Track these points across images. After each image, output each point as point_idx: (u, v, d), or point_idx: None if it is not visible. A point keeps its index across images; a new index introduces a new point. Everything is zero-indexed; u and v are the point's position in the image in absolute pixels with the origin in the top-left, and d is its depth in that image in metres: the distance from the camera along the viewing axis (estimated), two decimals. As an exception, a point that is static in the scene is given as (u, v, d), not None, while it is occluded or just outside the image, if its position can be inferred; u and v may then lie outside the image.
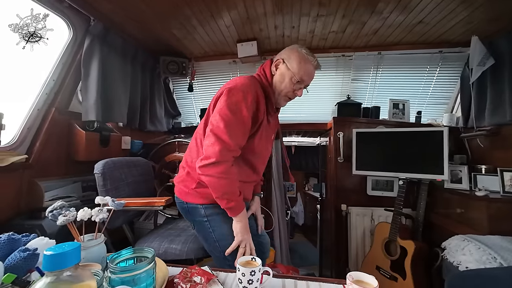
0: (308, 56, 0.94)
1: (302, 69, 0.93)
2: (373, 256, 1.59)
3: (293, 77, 0.93)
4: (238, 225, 0.90)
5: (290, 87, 0.94)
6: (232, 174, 0.86)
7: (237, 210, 0.89)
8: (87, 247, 0.64)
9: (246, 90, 0.86)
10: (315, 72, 0.99)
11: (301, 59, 0.93)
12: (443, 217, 1.57)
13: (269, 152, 1.09)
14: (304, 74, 0.93)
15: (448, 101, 2.10)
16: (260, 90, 0.92)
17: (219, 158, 0.83)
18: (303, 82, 0.95)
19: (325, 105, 2.39)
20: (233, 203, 0.87)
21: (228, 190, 0.86)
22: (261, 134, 0.95)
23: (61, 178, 1.36)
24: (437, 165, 1.47)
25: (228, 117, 0.84)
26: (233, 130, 0.84)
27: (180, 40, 1.96)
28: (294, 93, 0.96)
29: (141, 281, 0.54)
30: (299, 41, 1.97)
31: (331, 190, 1.97)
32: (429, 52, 1.93)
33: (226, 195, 0.86)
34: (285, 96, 0.97)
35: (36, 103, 1.25)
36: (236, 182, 0.88)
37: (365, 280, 0.63)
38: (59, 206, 0.67)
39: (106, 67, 1.56)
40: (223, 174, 0.84)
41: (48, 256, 0.34)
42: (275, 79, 0.96)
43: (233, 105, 0.85)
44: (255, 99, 0.88)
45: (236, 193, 0.88)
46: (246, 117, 0.86)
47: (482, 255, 1.05)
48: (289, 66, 0.93)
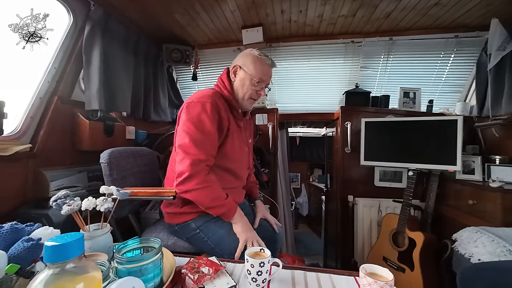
0: (262, 57, 0.98)
1: (259, 70, 0.96)
2: (380, 247, 1.58)
3: (253, 79, 0.96)
4: (238, 226, 0.90)
5: (252, 89, 0.98)
6: (211, 181, 0.87)
7: (230, 213, 0.90)
8: (93, 237, 0.63)
9: (204, 101, 0.89)
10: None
11: (256, 61, 0.97)
12: (453, 208, 1.54)
13: (247, 155, 1.10)
14: (262, 74, 0.97)
15: (461, 89, 2.02)
16: (221, 99, 0.95)
17: (192, 171, 0.84)
18: (263, 82, 0.98)
19: (332, 95, 2.32)
20: (224, 208, 0.88)
21: (214, 196, 0.87)
22: (232, 140, 0.97)
23: (67, 168, 1.36)
24: (450, 156, 1.41)
25: (192, 131, 0.87)
26: (199, 142, 0.86)
27: (183, 27, 1.89)
28: (257, 93, 1.00)
29: (148, 272, 0.53)
30: (306, 26, 1.89)
31: (337, 181, 1.94)
32: (444, 37, 1.83)
33: (214, 202, 0.87)
34: (249, 98, 1.00)
35: (38, 91, 1.23)
36: (218, 187, 0.89)
37: (378, 273, 0.61)
38: (63, 196, 0.66)
39: (108, 54, 1.52)
40: (201, 184, 0.85)
41: (49, 247, 0.32)
42: (235, 85, 1.00)
43: (194, 118, 0.88)
44: (215, 107, 0.90)
45: (223, 197, 0.89)
46: (209, 126, 0.88)
47: (496, 247, 1.01)
48: (247, 70, 0.97)
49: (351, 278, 0.69)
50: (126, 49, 1.73)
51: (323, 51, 2.14)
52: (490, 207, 1.27)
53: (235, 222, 0.90)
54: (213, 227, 0.93)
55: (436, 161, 1.47)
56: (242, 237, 0.87)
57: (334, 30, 1.94)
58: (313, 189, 3.71)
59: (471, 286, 0.85)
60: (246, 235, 0.87)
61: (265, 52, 2.15)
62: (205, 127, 0.87)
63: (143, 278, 0.51)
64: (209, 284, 0.60)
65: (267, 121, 2.05)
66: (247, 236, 0.87)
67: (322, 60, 2.20)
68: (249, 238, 0.87)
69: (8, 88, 1.17)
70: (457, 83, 2.01)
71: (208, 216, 0.94)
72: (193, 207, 0.94)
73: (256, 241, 0.87)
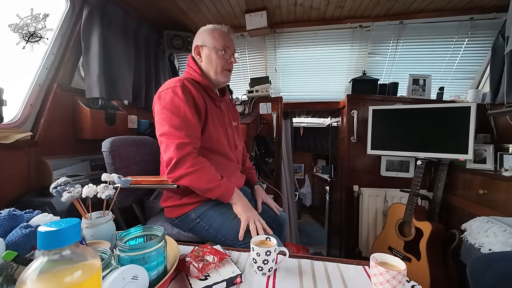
0: (216, 27, 0.97)
1: (218, 39, 0.94)
2: (386, 237, 1.56)
3: (217, 50, 0.94)
4: (238, 207, 0.87)
5: (221, 60, 0.95)
6: (202, 162, 0.85)
7: (228, 193, 0.87)
8: (95, 225, 0.62)
9: (173, 86, 0.87)
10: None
11: (213, 32, 0.95)
12: (463, 198, 1.50)
13: (232, 136, 1.07)
14: (223, 41, 0.95)
15: (474, 75, 1.93)
16: (191, 82, 0.92)
17: (179, 155, 0.81)
18: (228, 48, 0.96)
19: (338, 83, 2.26)
20: (221, 189, 0.85)
21: (208, 178, 0.84)
22: (213, 121, 0.95)
23: (69, 157, 1.34)
24: (461, 144, 1.37)
25: (169, 116, 0.85)
26: (179, 125, 0.83)
27: (184, 12, 1.82)
28: (229, 63, 0.97)
29: (152, 260, 0.51)
30: (312, 10, 1.81)
31: (343, 171, 1.91)
32: (458, 19, 1.74)
33: (209, 183, 0.84)
34: (222, 71, 0.97)
35: (37, 79, 1.20)
36: (211, 168, 0.86)
37: (390, 262, 0.58)
38: (63, 183, 0.64)
39: (107, 40, 1.47)
40: (193, 167, 0.82)
41: (43, 233, 0.30)
42: (204, 66, 0.97)
43: (168, 105, 0.85)
44: (186, 90, 0.88)
45: (218, 177, 0.86)
46: (185, 108, 0.85)
47: (509, 237, 0.98)
48: (207, 44, 0.95)
49: (360, 267, 0.67)
50: (126, 35, 1.67)
51: (329, 37, 2.06)
52: (502, 197, 1.24)
53: (235, 202, 0.88)
54: (212, 215, 0.91)
55: (446, 149, 1.42)
56: (243, 217, 0.85)
57: (342, 13, 1.85)
58: (316, 180, 3.70)
59: (481, 276, 0.82)
60: (247, 215, 0.85)
61: (269, 38, 2.12)
62: (181, 110, 0.85)
63: (146, 266, 0.49)
64: (214, 272, 0.58)
65: (271, 110, 2.01)
66: (248, 215, 0.85)
67: (328, 46, 2.12)
68: (251, 218, 0.84)
69: (7, 78, 1.14)
70: (470, 69, 1.93)
71: (207, 204, 0.92)
72: (191, 198, 0.92)
73: (257, 220, 0.84)
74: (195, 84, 0.93)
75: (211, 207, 0.93)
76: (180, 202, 0.94)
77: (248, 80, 2.22)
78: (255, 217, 0.85)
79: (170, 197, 0.98)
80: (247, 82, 2.26)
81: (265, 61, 2.27)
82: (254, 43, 2.18)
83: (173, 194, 0.97)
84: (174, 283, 0.58)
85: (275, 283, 0.59)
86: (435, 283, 1.29)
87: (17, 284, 0.29)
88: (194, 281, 0.55)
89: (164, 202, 1.00)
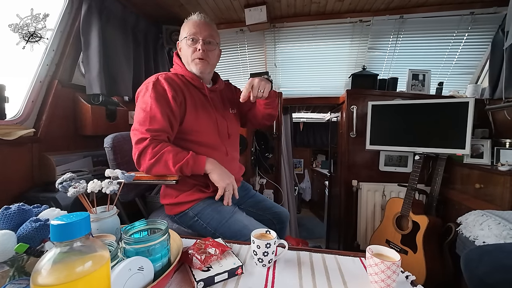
0: (189, 18, 0.95)
1: (186, 28, 0.93)
2: (383, 230, 1.59)
3: (186, 40, 0.92)
4: (214, 174, 0.87)
5: (189, 50, 0.93)
6: (162, 148, 0.84)
7: (200, 162, 0.86)
8: (100, 219, 0.63)
9: (147, 83, 0.89)
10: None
11: (184, 24, 0.95)
12: (460, 192, 1.53)
13: (221, 123, 1.01)
14: (191, 29, 0.92)
15: (473, 70, 1.93)
16: (172, 77, 0.93)
17: (139, 150, 0.84)
18: (195, 35, 0.92)
19: (338, 78, 2.25)
20: (190, 165, 0.84)
21: (173, 160, 0.83)
22: (195, 113, 0.94)
23: (71, 153, 1.36)
24: (459, 139, 1.38)
25: (138, 112, 0.87)
26: (143, 120, 0.85)
27: (183, 6, 1.81)
28: (196, 51, 0.92)
29: (156, 252, 0.53)
30: (312, 4, 1.80)
31: (342, 166, 1.93)
32: (459, 14, 1.73)
33: (177, 164, 0.83)
34: (192, 60, 0.94)
35: (38, 75, 1.20)
36: (174, 149, 0.86)
37: (385, 254, 0.60)
38: (68, 178, 0.65)
39: (106, 36, 1.47)
40: (154, 156, 0.83)
41: (55, 226, 0.31)
42: (182, 59, 0.98)
43: (140, 102, 0.88)
44: (159, 85, 0.88)
45: (183, 155, 0.85)
46: (151, 102, 0.85)
47: (503, 230, 1.01)
48: (181, 37, 0.96)
49: (357, 259, 0.69)
50: (125, 30, 1.67)
51: (329, 32, 2.05)
52: (498, 191, 1.26)
53: (210, 170, 0.87)
54: (210, 213, 0.92)
55: (444, 145, 1.44)
56: (220, 185, 0.86)
57: (342, 7, 1.84)
58: (316, 175, 3.73)
59: (475, 267, 0.85)
60: (224, 182, 0.86)
61: (269, 33, 2.10)
62: (148, 105, 0.86)
63: (151, 258, 0.51)
64: (216, 264, 0.60)
65: (271, 106, 2.01)
66: (226, 182, 0.86)
67: (328, 41, 2.11)
68: (228, 185, 0.86)
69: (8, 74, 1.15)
70: (469, 64, 1.93)
71: (203, 203, 0.93)
72: (187, 196, 0.93)
73: (231, 185, 0.88)
74: (174, 78, 0.93)
75: (208, 205, 0.93)
76: (176, 200, 0.95)
77: (247, 76, 2.22)
78: (232, 183, 0.88)
79: (167, 195, 0.99)
80: (246, 77, 2.26)
81: (265, 56, 2.26)
82: (254, 38, 2.17)
83: (170, 192, 0.98)
84: (178, 274, 0.60)
85: (274, 274, 0.61)
86: (431, 275, 1.33)
87: (33, 273, 0.31)
88: (197, 272, 0.57)
89: (163, 199, 1.01)
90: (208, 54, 0.94)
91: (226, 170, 0.90)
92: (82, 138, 1.43)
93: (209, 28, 0.94)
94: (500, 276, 0.78)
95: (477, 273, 0.83)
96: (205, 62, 0.94)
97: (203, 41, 0.92)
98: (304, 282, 0.58)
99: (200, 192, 0.95)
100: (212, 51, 0.95)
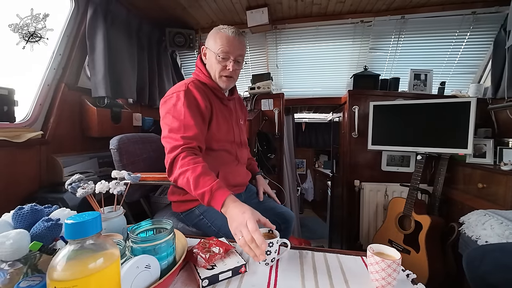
0: (222, 30, 0.92)
1: (219, 44, 0.91)
2: (386, 230, 1.60)
3: (216, 55, 0.92)
4: (229, 216, 0.68)
5: (218, 66, 0.93)
6: (193, 160, 0.79)
7: (217, 201, 0.71)
8: (108, 219, 0.65)
9: (177, 91, 0.89)
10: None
11: (215, 36, 0.92)
12: (462, 192, 1.53)
13: (236, 131, 1.06)
14: (223, 46, 0.90)
15: (476, 70, 1.93)
16: (198, 84, 0.93)
17: (171, 157, 0.82)
18: (227, 54, 0.91)
19: (340, 78, 2.26)
20: (206, 196, 0.72)
21: (196, 182, 0.74)
22: (217, 120, 0.96)
23: (78, 154, 1.39)
24: (461, 139, 1.38)
25: (170, 120, 0.87)
26: (176, 129, 0.85)
27: (185, 9, 1.84)
28: (226, 69, 0.94)
29: (162, 251, 0.55)
30: (313, 5, 1.81)
31: (344, 166, 1.94)
32: (460, 13, 1.73)
33: (197, 189, 0.74)
34: (220, 76, 0.95)
35: (46, 78, 1.23)
36: (201, 167, 0.77)
37: (386, 253, 0.62)
38: (77, 179, 0.68)
39: (111, 39, 1.50)
40: (180, 168, 0.77)
41: (69, 225, 0.33)
42: (208, 67, 0.98)
43: (171, 109, 0.88)
44: (190, 94, 0.89)
45: (205, 178, 0.74)
46: (185, 111, 0.86)
47: (505, 229, 1.01)
48: (210, 47, 0.94)
49: (358, 258, 0.70)
50: (129, 33, 1.70)
51: (330, 33, 2.06)
52: (501, 190, 1.26)
53: (225, 211, 0.71)
54: (215, 212, 0.88)
55: (446, 144, 1.44)
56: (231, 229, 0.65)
57: (343, 8, 1.85)
58: (318, 175, 3.73)
59: (477, 266, 0.85)
60: (232, 227, 0.65)
61: (270, 34, 2.12)
62: (181, 114, 0.86)
63: (157, 256, 0.53)
64: (220, 263, 0.62)
65: (273, 107, 2.03)
66: (234, 227, 0.64)
67: (329, 42, 2.12)
68: (236, 229, 0.63)
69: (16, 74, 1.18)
70: (471, 63, 1.92)
71: None
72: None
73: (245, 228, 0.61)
74: (201, 86, 0.94)
75: None
76: (184, 198, 0.98)
77: (249, 77, 2.24)
78: (241, 227, 0.62)
79: (175, 192, 1.02)
80: (249, 78, 2.28)
81: (267, 57, 2.28)
82: (256, 39, 2.19)
83: (178, 189, 1.00)
84: (183, 272, 0.62)
85: (277, 273, 0.62)
86: (433, 274, 1.33)
87: (49, 269, 0.33)
88: (201, 270, 0.59)
89: (171, 196, 1.04)
90: (236, 72, 0.96)
91: (240, 207, 0.68)
92: (88, 140, 1.46)
93: (241, 46, 0.94)
94: (502, 275, 0.78)
95: (479, 272, 0.83)
96: (232, 79, 0.97)
97: (234, 61, 0.92)
98: (306, 281, 0.59)
99: None
100: (239, 69, 0.98)
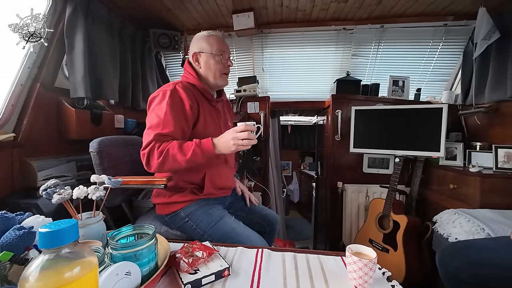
0: (211, 33, 1.00)
1: (214, 44, 0.98)
2: (367, 230, 1.66)
3: (214, 55, 0.98)
4: (222, 148, 0.84)
5: (218, 65, 0.99)
6: (166, 145, 0.84)
7: (207, 148, 0.84)
8: (86, 225, 0.63)
9: (164, 89, 0.91)
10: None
11: (209, 39, 0.99)
12: (436, 193, 1.62)
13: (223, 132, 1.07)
14: (219, 46, 0.98)
15: (448, 77, 2.07)
16: (186, 85, 0.95)
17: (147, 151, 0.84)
18: (224, 52, 0.99)
19: (324, 83, 2.33)
20: (197, 151, 0.82)
21: (181, 152, 0.82)
22: (204, 121, 0.98)
23: (54, 158, 1.32)
24: (434, 142, 1.47)
25: (152, 117, 0.89)
26: (156, 125, 0.87)
27: (170, 10, 1.81)
28: (226, 66, 1.01)
29: (143, 257, 0.54)
30: (298, 11, 1.86)
31: (328, 168, 1.99)
32: (433, 25, 1.85)
33: (187, 155, 0.82)
34: (220, 75, 1.01)
35: (19, 78, 1.17)
36: (178, 142, 0.84)
37: (363, 252, 0.64)
38: (53, 185, 0.65)
39: (92, 39, 1.45)
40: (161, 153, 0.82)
41: (43, 233, 0.32)
42: (203, 72, 1.01)
43: (155, 107, 0.89)
44: (175, 93, 0.90)
45: (187, 143, 0.84)
46: (167, 109, 0.88)
47: (472, 226, 1.09)
48: (205, 51, 0.99)
49: (338, 258, 0.73)
50: (111, 33, 1.65)
51: (315, 38, 2.12)
52: (470, 191, 1.35)
53: (218, 150, 0.85)
54: (200, 215, 0.95)
55: (422, 148, 1.53)
56: (231, 150, 0.83)
57: (327, 15, 1.92)
58: (304, 177, 3.79)
59: (448, 263, 0.91)
60: (229, 150, 0.83)
61: (256, 38, 2.15)
62: (163, 112, 0.87)
63: (138, 262, 0.52)
64: (203, 266, 0.62)
65: (259, 109, 2.05)
66: (235, 143, 0.81)
67: (314, 47, 2.18)
68: (232, 147, 0.82)
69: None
70: (444, 71, 2.06)
71: (195, 204, 0.96)
72: (181, 196, 0.96)
73: (237, 139, 0.81)
74: (189, 87, 0.95)
75: (199, 207, 0.96)
76: (170, 200, 0.97)
77: (236, 80, 2.25)
78: (235, 141, 0.82)
79: (160, 194, 1.00)
80: (235, 81, 2.28)
81: (253, 60, 2.30)
82: (242, 43, 2.20)
83: (163, 191, 0.99)
84: (166, 277, 0.61)
85: (260, 275, 0.63)
86: (410, 271, 1.40)
87: (20, 281, 0.32)
88: (184, 275, 0.58)
89: (156, 198, 1.02)
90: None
91: (223, 139, 0.85)
92: (66, 142, 1.39)
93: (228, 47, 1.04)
94: (471, 271, 0.85)
95: (450, 269, 0.90)
96: (228, 76, 1.04)
97: (229, 58, 1.01)
98: (288, 282, 0.60)
99: (193, 194, 0.97)
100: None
